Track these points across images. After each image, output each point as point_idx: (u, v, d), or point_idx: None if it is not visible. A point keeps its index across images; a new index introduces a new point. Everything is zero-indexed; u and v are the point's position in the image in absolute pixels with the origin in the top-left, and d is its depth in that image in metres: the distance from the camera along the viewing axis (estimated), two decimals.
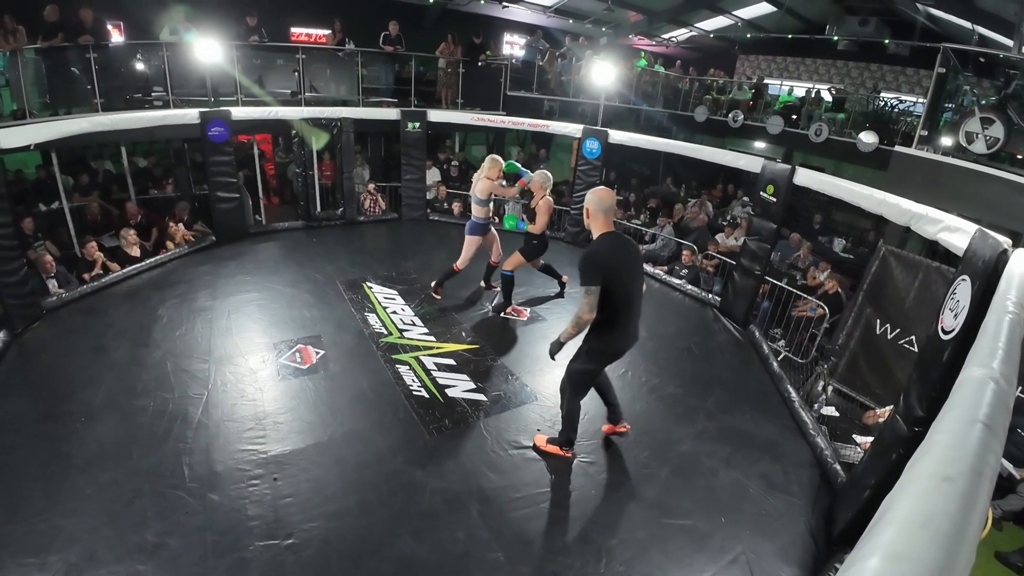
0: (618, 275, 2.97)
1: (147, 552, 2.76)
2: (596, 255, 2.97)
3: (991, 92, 6.53)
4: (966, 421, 1.30)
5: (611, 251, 3.00)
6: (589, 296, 2.93)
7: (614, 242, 3.04)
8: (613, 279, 2.94)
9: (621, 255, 3.02)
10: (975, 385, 1.46)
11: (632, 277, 3.07)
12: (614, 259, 2.98)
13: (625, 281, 3.01)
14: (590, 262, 2.94)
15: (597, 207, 3.02)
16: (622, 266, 3.00)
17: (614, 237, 3.05)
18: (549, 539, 2.99)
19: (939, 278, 4.79)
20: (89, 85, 6.98)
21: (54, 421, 3.69)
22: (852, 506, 3.13)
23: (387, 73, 9.25)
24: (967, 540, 0.92)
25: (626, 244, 3.14)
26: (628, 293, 3.03)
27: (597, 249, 3.01)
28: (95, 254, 5.97)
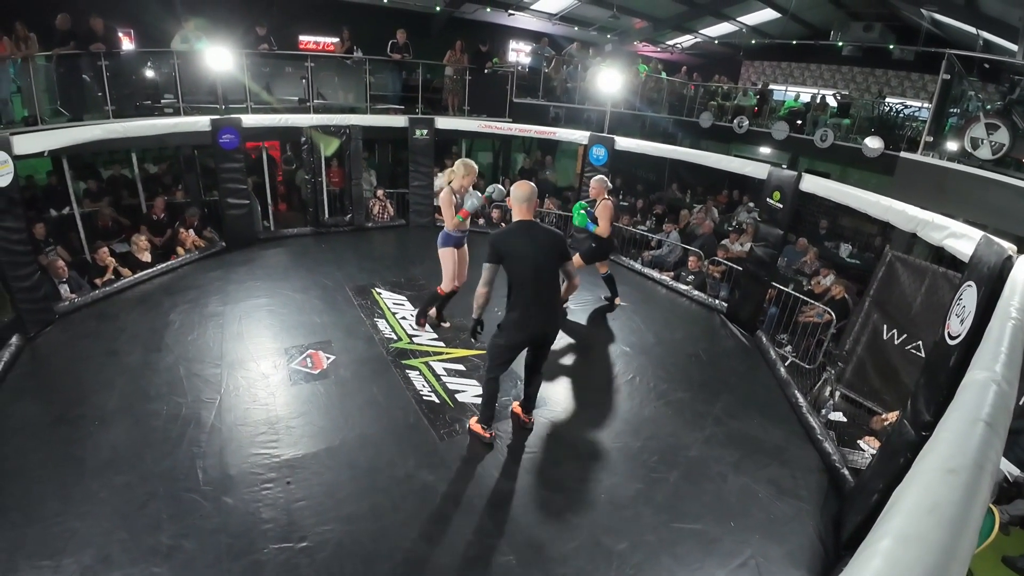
0: (515, 257, 3.26)
1: (162, 555, 2.79)
2: (496, 236, 3.34)
3: (996, 97, 6.55)
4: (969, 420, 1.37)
5: (512, 235, 3.32)
6: (484, 272, 3.33)
7: (520, 228, 3.34)
8: (510, 260, 3.27)
9: (522, 240, 3.29)
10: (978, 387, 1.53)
11: (532, 262, 3.26)
12: (512, 242, 3.29)
13: (523, 264, 3.26)
14: (489, 242, 3.32)
15: (517, 197, 3.36)
16: (521, 250, 3.26)
17: (523, 224, 3.35)
18: (560, 543, 3.01)
19: (945, 283, 4.81)
20: (100, 92, 7.10)
21: (67, 424, 3.73)
22: (860, 510, 3.14)
23: (395, 81, 9.35)
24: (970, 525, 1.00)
25: (534, 232, 3.34)
26: (525, 276, 3.27)
27: (500, 231, 3.41)
28: (107, 259, 6.05)
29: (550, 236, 3.41)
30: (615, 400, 4.41)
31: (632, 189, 11.12)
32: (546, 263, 3.33)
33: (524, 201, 3.36)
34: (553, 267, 3.39)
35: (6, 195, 4.49)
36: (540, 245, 3.30)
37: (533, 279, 3.29)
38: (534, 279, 3.29)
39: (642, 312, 6.10)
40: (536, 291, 3.32)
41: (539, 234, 3.35)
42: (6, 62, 6.52)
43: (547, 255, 3.33)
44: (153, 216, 7.16)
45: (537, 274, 3.29)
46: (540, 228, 3.40)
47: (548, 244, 3.34)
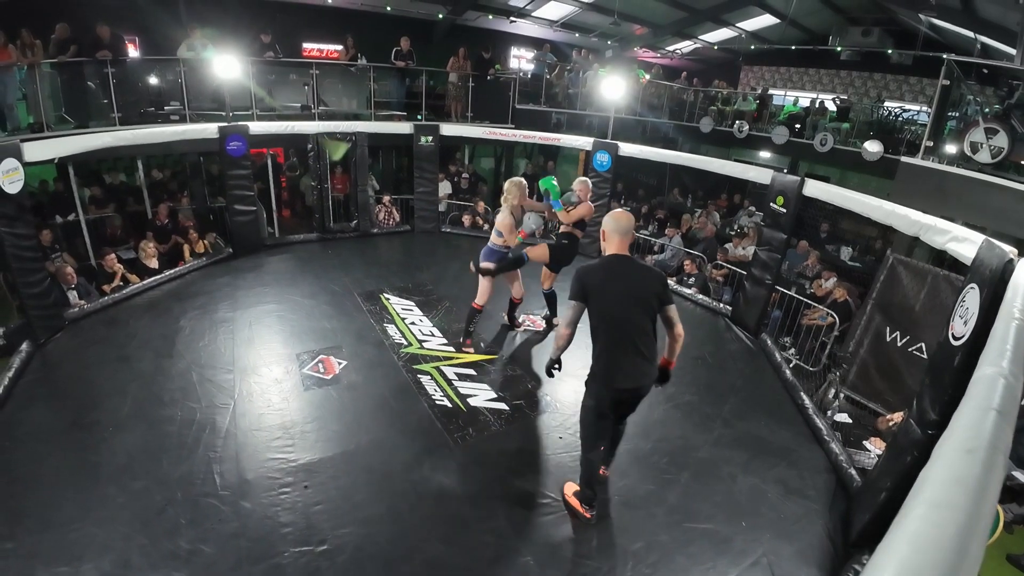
0: (603, 295, 2.81)
1: (181, 559, 2.82)
2: (583, 269, 2.89)
3: (994, 100, 6.64)
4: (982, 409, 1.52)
5: (601, 270, 2.86)
6: (569, 310, 2.91)
7: (611, 262, 2.87)
8: (596, 299, 2.82)
9: (612, 277, 2.82)
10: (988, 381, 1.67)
11: (621, 302, 2.80)
12: (601, 278, 2.83)
13: (611, 304, 2.80)
14: (575, 275, 2.89)
15: (613, 228, 2.89)
16: (610, 288, 2.80)
17: (616, 259, 2.88)
18: (576, 543, 3.06)
19: (947, 286, 4.88)
20: (106, 99, 7.17)
21: (82, 430, 3.75)
22: (869, 509, 3.20)
23: (398, 87, 9.43)
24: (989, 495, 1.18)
25: (628, 269, 2.86)
26: (614, 318, 2.81)
27: (589, 265, 2.92)
28: (115, 266, 6.09)
29: (649, 275, 2.92)
30: None
31: (633, 194, 11.19)
32: (639, 306, 2.81)
33: (622, 233, 2.87)
34: (648, 311, 2.84)
35: (16, 202, 4.54)
36: (634, 284, 2.81)
37: (621, 324, 2.81)
38: (622, 324, 2.81)
39: None
40: (625, 339, 2.81)
41: (634, 271, 2.86)
42: (12, 69, 6.58)
43: (643, 296, 2.81)
44: (157, 222, 7.21)
45: (627, 319, 2.80)
46: (637, 265, 2.93)
47: (645, 283, 2.84)
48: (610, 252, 2.90)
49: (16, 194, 4.52)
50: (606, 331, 2.84)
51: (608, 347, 2.85)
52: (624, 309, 2.80)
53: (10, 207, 4.48)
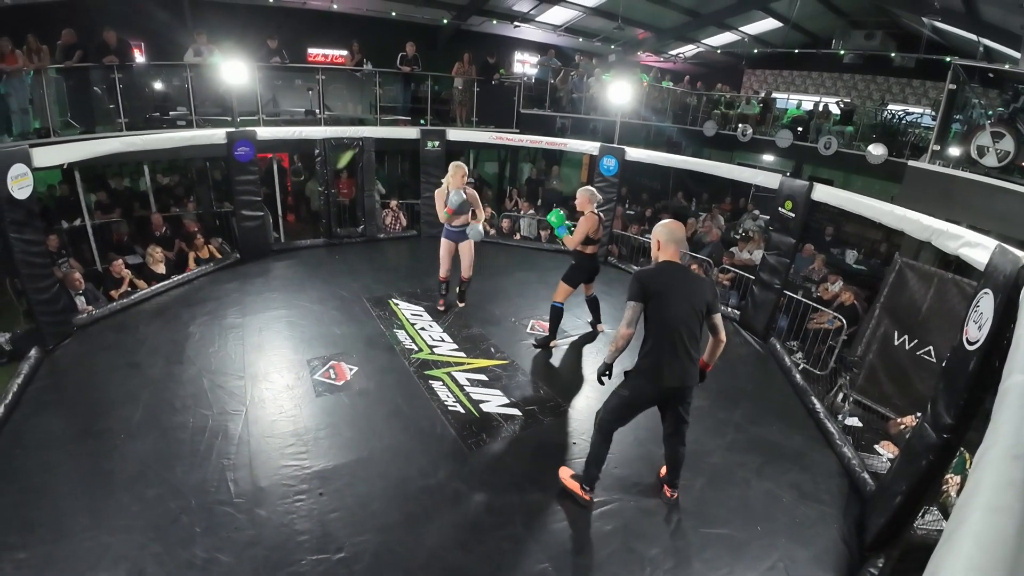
0: (660, 299, 2.98)
1: (197, 568, 2.80)
2: (643, 273, 3.06)
3: (998, 103, 6.66)
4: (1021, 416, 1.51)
5: (660, 275, 3.04)
6: (628, 311, 3.03)
7: (669, 268, 3.06)
8: (654, 301, 2.99)
9: (670, 282, 3.00)
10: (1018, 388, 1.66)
11: (677, 307, 2.97)
12: (660, 282, 3.00)
13: (667, 307, 2.98)
14: (635, 278, 3.04)
15: (668, 238, 3.08)
16: (667, 292, 2.98)
17: (672, 265, 3.06)
18: (593, 549, 3.06)
19: (955, 289, 4.89)
20: (112, 104, 7.19)
21: (93, 438, 3.74)
22: (884, 513, 3.20)
23: (404, 92, 9.46)
24: None
25: (684, 276, 3.06)
26: (668, 320, 2.98)
27: (648, 269, 3.10)
28: (122, 271, 6.10)
29: (701, 283, 3.13)
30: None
31: (638, 198, 11.22)
32: (692, 311, 2.99)
33: (676, 242, 3.08)
34: (699, 317, 3.02)
35: (25, 207, 4.53)
36: (690, 291, 3.00)
37: (675, 327, 2.97)
38: (676, 327, 2.97)
39: None
40: (677, 340, 2.98)
41: (689, 279, 3.07)
42: (20, 74, 6.60)
43: (695, 303, 2.99)
44: (156, 233, 7.17)
45: (681, 322, 2.97)
46: (690, 273, 3.15)
47: (699, 291, 3.02)
48: (664, 259, 3.09)
49: (25, 200, 4.52)
50: (660, 332, 3.01)
51: (661, 347, 3.02)
52: (680, 313, 2.98)
53: (19, 213, 4.48)
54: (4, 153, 4.41)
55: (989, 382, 2.85)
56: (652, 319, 3.02)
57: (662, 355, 3.02)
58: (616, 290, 6.98)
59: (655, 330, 3.03)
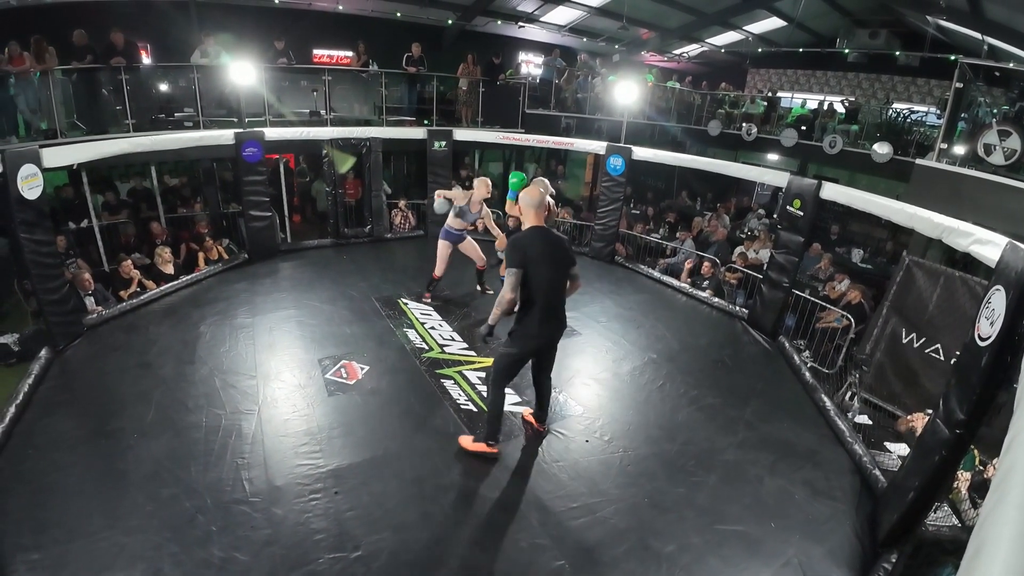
0: (535, 263, 3.24)
1: (215, 568, 2.80)
2: (518, 240, 3.31)
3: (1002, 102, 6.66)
4: None
5: (531, 240, 3.28)
6: (511, 277, 3.25)
7: (537, 233, 3.32)
8: (530, 265, 3.24)
9: (540, 246, 3.27)
10: None
11: (548, 268, 3.27)
12: (533, 247, 3.25)
13: (541, 270, 3.25)
14: (513, 246, 3.28)
15: (528, 203, 3.35)
16: (539, 256, 3.25)
17: (539, 230, 3.33)
18: (609, 546, 3.06)
19: (963, 287, 4.90)
20: (119, 106, 7.20)
21: (106, 438, 3.74)
22: (897, 509, 3.21)
23: (410, 93, 9.47)
24: None
25: (549, 238, 3.33)
26: (542, 281, 3.27)
27: (520, 236, 3.35)
28: (131, 272, 6.11)
29: (562, 242, 3.42)
30: (648, 407, 4.47)
31: (643, 197, 11.23)
32: (560, 271, 3.33)
33: (535, 207, 3.34)
34: (565, 274, 3.38)
35: (35, 208, 4.54)
36: (554, 250, 3.30)
37: (549, 287, 3.29)
38: (549, 287, 3.30)
39: (665, 319, 6.17)
40: (551, 299, 3.33)
41: (553, 240, 3.34)
42: (28, 76, 6.62)
43: (562, 261, 3.33)
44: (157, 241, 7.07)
45: (552, 282, 3.30)
46: (552, 234, 3.40)
47: (562, 250, 3.34)
48: (531, 224, 3.36)
49: (35, 200, 4.53)
50: (537, 294, 3.29)
51: (539, 307, 3.31)
52: (551, 274, 3.29)
53: (29, 213, 4.49)
54: (14, 153, 4.42)
55: (1002, 377, 2.86)
56: (529, 282, 3.27)
57: (540, 314, 3.32)
58: (624, 289, 7.02)
59: (533, 292, 3.28)
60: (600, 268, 7.68)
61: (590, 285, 6.12)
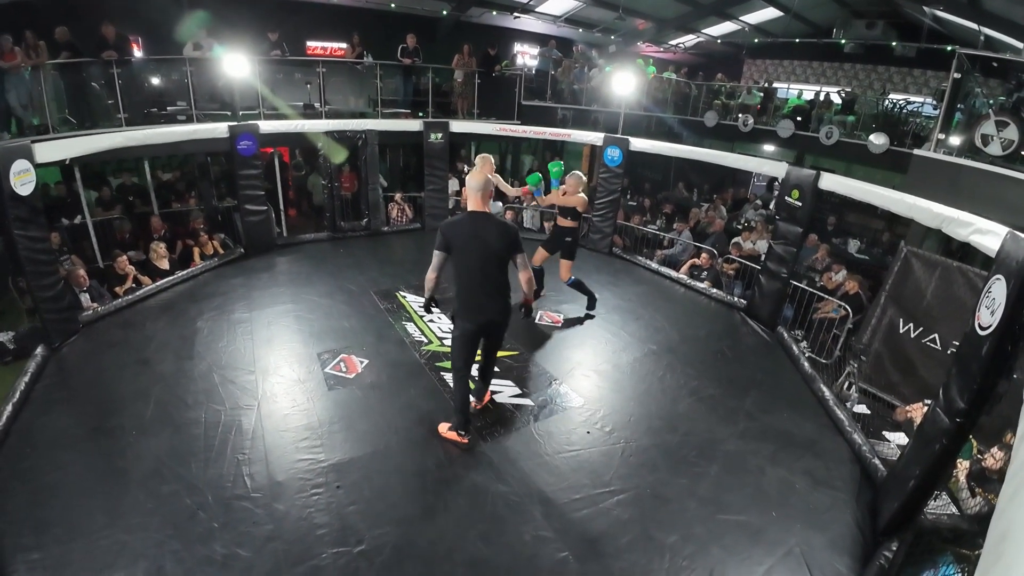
0: (457, 247, 3.34)
1: (217, 564, 2.80)
2: (445, 225, 3.43)
3: (999, 92, 6.66)
4: None
5: (458, 225, 3.38)
6: (433, 259, 3.43)
7: (468, 219, 3.38)
8: (454, 251, 3.35)
9: (466, 230, 3.33)
10: None
11: (475, 254, 3.33)
12: (457, 232, 3.34)
13: (465, 256, 3.34)
14: (439, 230, 3.41)
15: (470, 186, 3.42)
16: (463, 240, 3.32)
17: (473, 216, 3.37)
18: (612, 537, 3.08)
19: (960, 277, 4.91)
20: (111, 100, 7.11)
21: (105, 436, 3.72)
22: (897, 498, 3.23)
23: (405, 85, 9.39)
24: None
25: (481, 223, 3.34)
26: (468, 266, 3.35)
27: (450, 220, 3.48)
28: (126, 268, 6.06)
29: (500, 228, 3.39)
30: (648, 398, 4.48)
31: (640, 189, 11.20)
32: (490, 255, 3.34)
33: (475, 191, 3.38)
34: (500, 258, 3.38)
35: (29, 204, 4.50)
36: (488, 236, 3.32)
37: (475, 270, 3.36)
38: (477, 271, 3.36)
39: (664, 311, 6.18)
40: (479, 282, 3.39)
41: (488, 225, 3.36)
42: (20, 70, 6.52)
43: (494, 246, 3.34)
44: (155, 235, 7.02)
45: (482, 264, 3.35)
46: (491, 220, 3.41)
47: (496, 235, 3.34)
48: (470, 209, 3.41)
49: (28, 196, 4.48)
50: (462, 276, 3.41)
51: (464, 289, 3.43)
52: (479, 260, 3.34)
53: (23, 209, 4.44)
54: (6, 149, 4.37)
55: (1002, 366, 2.88)
56: (455, 265, 3.39)
57: (468, 296, 3.44)
58: (623, 280, 7.02)
59: (458, 275, 3.42)
60: (598, 260, 7.67)
61: (588, 277, 6.10)
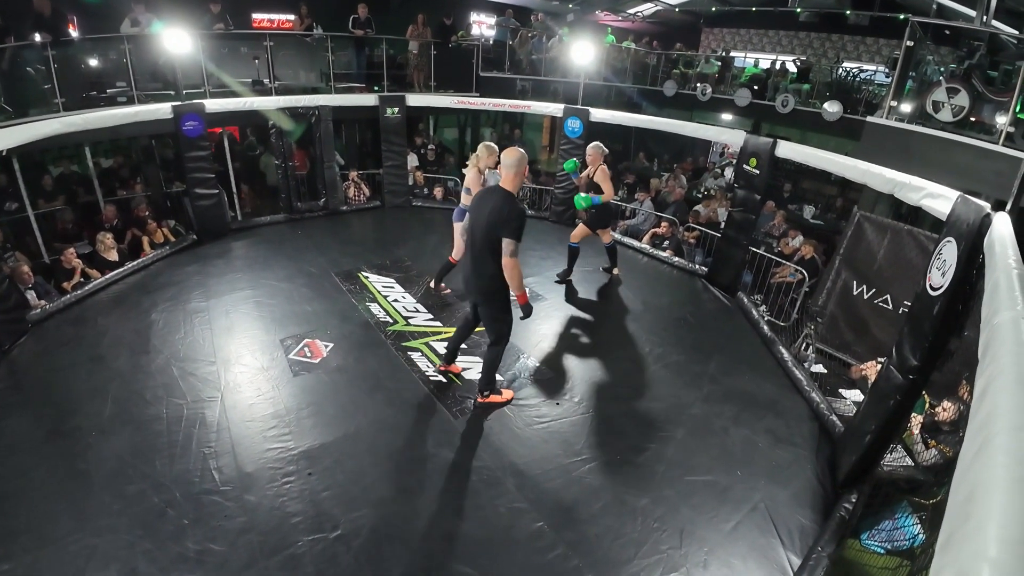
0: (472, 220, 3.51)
1: (191, 561, 2.74)
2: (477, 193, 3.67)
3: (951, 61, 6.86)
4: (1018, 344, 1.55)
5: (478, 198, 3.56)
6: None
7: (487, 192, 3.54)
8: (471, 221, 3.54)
9: (476, 203, 3.52)
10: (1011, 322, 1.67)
11: (472, 227, 3.48)
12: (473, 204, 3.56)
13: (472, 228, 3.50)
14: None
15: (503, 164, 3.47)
16: (473, 213, 3.51)
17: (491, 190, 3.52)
18: (585, 504, 3.15)
19: (911, 240, 5.12)
20: (47, 85, 6.63)
21: (64, 438, 3.58)
22: (855, 452, 3.40)
23: (358, 58, 9.06)
24: None
25: (487, 198, 3.46)
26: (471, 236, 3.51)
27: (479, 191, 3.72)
28: (73, 261, 5.76)
29: (496, 205, 3.34)
30: (615, 366, 4.56)
31: None
32: (480, 232, 3.39)
33: (507, 167, 3.41)
34: (485, 238, 3.37)
35: None
36: (484, 213, 3.37)
37: (471, 242, 3.48)
38: (471, 242, 3.49)
39: (628, 280, 6.26)
40: (470, 254, 3.52)
41: (488, 203, 3.38)
42: None
43: (484, 224, 3.36)
44: (106, 224, 6.72)
45: (472, 239, 3.47)
46: (496, 197, 3.38)
47: (487, 214, 3.34)
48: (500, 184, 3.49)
49: None
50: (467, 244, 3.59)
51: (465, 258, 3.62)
52: (473, 235, 3.47)
53: None
54: None
55: (953, 325, 3.02)
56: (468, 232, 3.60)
57: (464, 262, 3.64)
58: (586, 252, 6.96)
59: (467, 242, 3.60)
60: (561, 232, 7.62)
61: (551, 249, 6.13)
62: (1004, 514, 0.97)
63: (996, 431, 1.20)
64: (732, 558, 2.90)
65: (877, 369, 4.19)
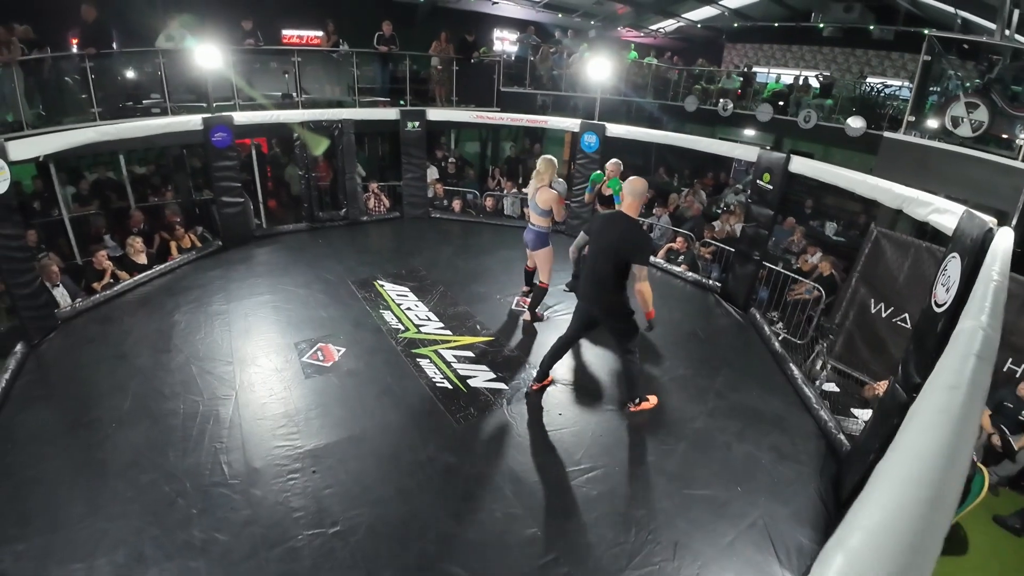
0: (592, 237, 3.88)
1: (196, 549, 2.86)
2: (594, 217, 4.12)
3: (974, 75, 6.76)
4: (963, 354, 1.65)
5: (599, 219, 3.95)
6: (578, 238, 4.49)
7: (607, 216, 3.86)
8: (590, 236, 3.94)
9: (598, 225, 3.85)
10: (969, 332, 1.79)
11: (594, 245, 3.79)
12: (594, 225, 3.95)
13: (592, 244, 3.84)
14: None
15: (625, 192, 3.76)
16: (595, 232, 3.85)
17: (613, 214, 3.80)
18: (581, 513, 3.17)
19: (929, 257, 5.03)
20: (84, 95, 7.01)
21: (84, 428, 3.75)
22: (858, 471, 3.33)
23: (382, 73, 9.33)
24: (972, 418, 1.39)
25: (611, 222, 3.74)
26: (591, 253, 3.81)
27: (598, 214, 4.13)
28: (104, 263, 6.02)
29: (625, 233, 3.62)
30: (620, 379, 4.54)
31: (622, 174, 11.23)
32: (605, 256, 3.65)
33: (629, 195, 3.68)
34: (611, 261, 3.61)
35: (3, 202, 4.45)
36: (606, 232, 3.70)
37: (594, 260, 3.73)
38: (591, 261, 3.76)
39: None
40: (593, 270, 3.75)
41: (615, 230, 3.66)
42: None
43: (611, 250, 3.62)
44: (133, 228, 6.99)
45: (594, 258, 3.73)
46: (620, 226, 3.65)
47: (616, 240, 3.61)
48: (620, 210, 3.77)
49: (3, 195, 4.44)
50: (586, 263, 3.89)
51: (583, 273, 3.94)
52: (595, 253, 3.77)
53: None
54: None
55: None
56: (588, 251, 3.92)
57: (583, 279, 3.93)
58: None
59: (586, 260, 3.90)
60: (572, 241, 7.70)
61: (565, 262, 6.15)
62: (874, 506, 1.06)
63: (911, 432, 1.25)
64: (725, 573, 2.88)
65: None
